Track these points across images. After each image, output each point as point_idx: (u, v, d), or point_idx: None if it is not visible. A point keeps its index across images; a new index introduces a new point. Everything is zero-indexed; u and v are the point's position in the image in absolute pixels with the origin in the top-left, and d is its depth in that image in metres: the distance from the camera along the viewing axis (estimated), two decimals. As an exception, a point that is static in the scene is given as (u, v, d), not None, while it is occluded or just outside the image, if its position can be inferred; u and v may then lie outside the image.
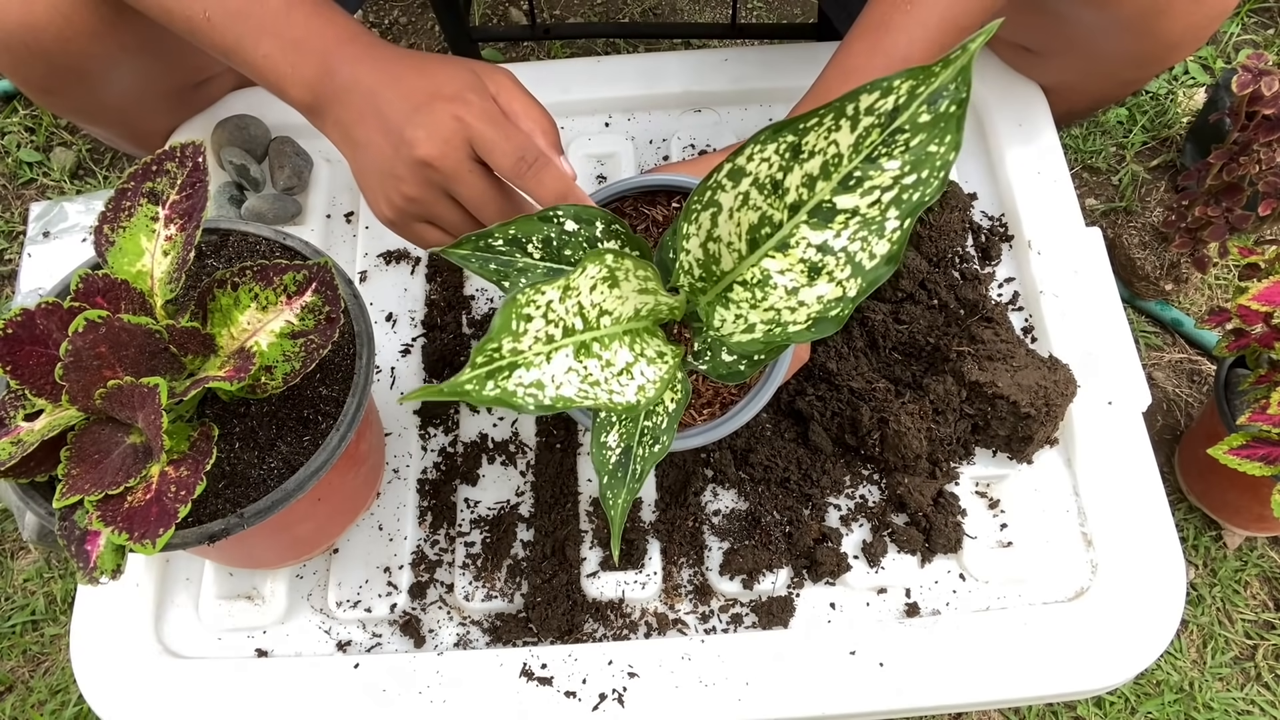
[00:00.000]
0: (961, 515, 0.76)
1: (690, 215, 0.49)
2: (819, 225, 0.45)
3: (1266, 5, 1.34)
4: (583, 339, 0.46)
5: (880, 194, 0.43)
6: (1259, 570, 1.02)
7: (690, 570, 0.75)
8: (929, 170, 0.42)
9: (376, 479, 0.77)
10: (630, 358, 0.49)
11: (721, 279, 0.50)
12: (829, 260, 0.46)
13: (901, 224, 0.43)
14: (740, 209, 0.47)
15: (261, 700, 0.70)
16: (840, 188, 0.44)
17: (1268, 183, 0.91)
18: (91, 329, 0.52)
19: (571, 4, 1.42)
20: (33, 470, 0.55)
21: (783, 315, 0.48)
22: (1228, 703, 0.96)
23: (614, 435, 0.54)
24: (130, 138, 0.95)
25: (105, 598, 0.74)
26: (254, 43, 0.64)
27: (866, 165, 0.43)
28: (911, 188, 0.42)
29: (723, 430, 0.63)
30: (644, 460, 0.54)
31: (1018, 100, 0.92)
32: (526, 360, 0.43)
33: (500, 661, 0.71)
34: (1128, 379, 0.79)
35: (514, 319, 0.42)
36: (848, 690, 0.69)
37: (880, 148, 0.42)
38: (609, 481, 0.54)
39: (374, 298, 0.87)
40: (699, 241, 0.49)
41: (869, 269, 0.45)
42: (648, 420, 0.55)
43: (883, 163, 0.42)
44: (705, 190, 0.48)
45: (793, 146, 0.44)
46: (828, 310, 0.47)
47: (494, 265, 0.56)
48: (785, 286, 0.48)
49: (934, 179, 0.42)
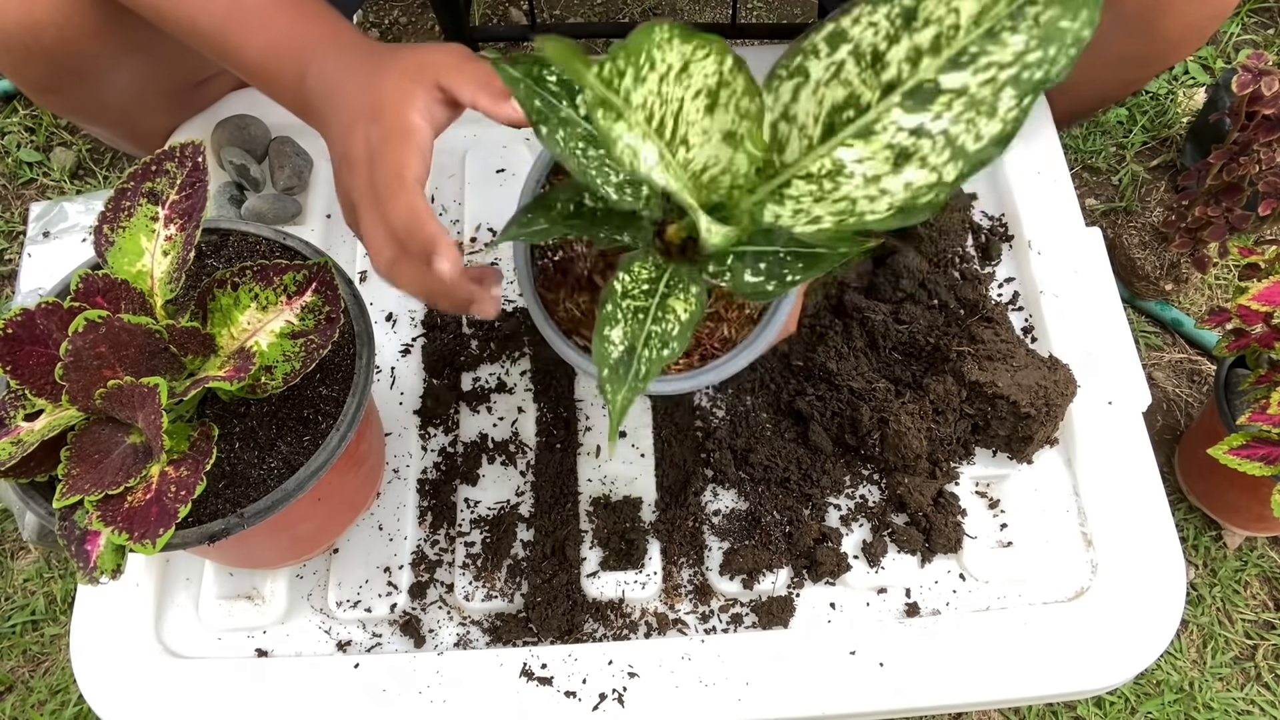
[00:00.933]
0: (961, 515, 0.76)
1: (772, 84, 0.44)
2: (914, 108, 0.41)
3: (1266, 5, 1.34)
4: (664, 153, 0.42)
5: (997, 71, 0.39)
6: (1259, 570, 1.02)
7: (690, 570, 0.75)
8: (1058, 47, 0.38)
9: (376, 479, 0.77)
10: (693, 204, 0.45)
11: (779, 173, 0.46)
12: (923, 144, 0.42)
13: (1020, 103, 0.40)
14: (829, 82, 0.43)
15: (261, 700, 0.70)
16: (949, 64, 0.40)
17: (1268, 183, 0.91)
18: (91, 329, 0.52)
19: (571, 4, 1.42)
20: (33, 470, 0.55)
21: (859, 205, 0.44)
22: (1228, 703, 0.96)
23: (618, 332, 0.51)
24: (130, 138, 0.95)
25: (105, 598, 0.74)
26: (240, 47, 0.65)
27: (985, 40, 0.39)
28: (1035, 65, 0.39)
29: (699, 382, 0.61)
30: (650, 362, 0.51)
31: (1018, 100, 0.92)
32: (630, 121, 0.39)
33: (500, 661, 0.71)
34: (1128, 379, 0.79)
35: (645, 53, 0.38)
36: (848, 690, 0.69)
37: (1005, 20, 0.38)
38: (608, 375, 0.51)
39: (374, 298, 0.87)
40: (770, 119, 0.45)
41: (973, 151, 0.41)
42: (656, 325, 0.52)
43: (1005, 37, 0.39)
44: (796, 54, 0.43)
45: (907, 11, 0.40)
46: (918, 196, 0.43)
47: (538, 102, 0.52)
48: (864, 174, 0.43)
49: (1063, 56, 0.38)
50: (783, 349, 0.81)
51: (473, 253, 0.89)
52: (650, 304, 0.52)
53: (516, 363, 0.84)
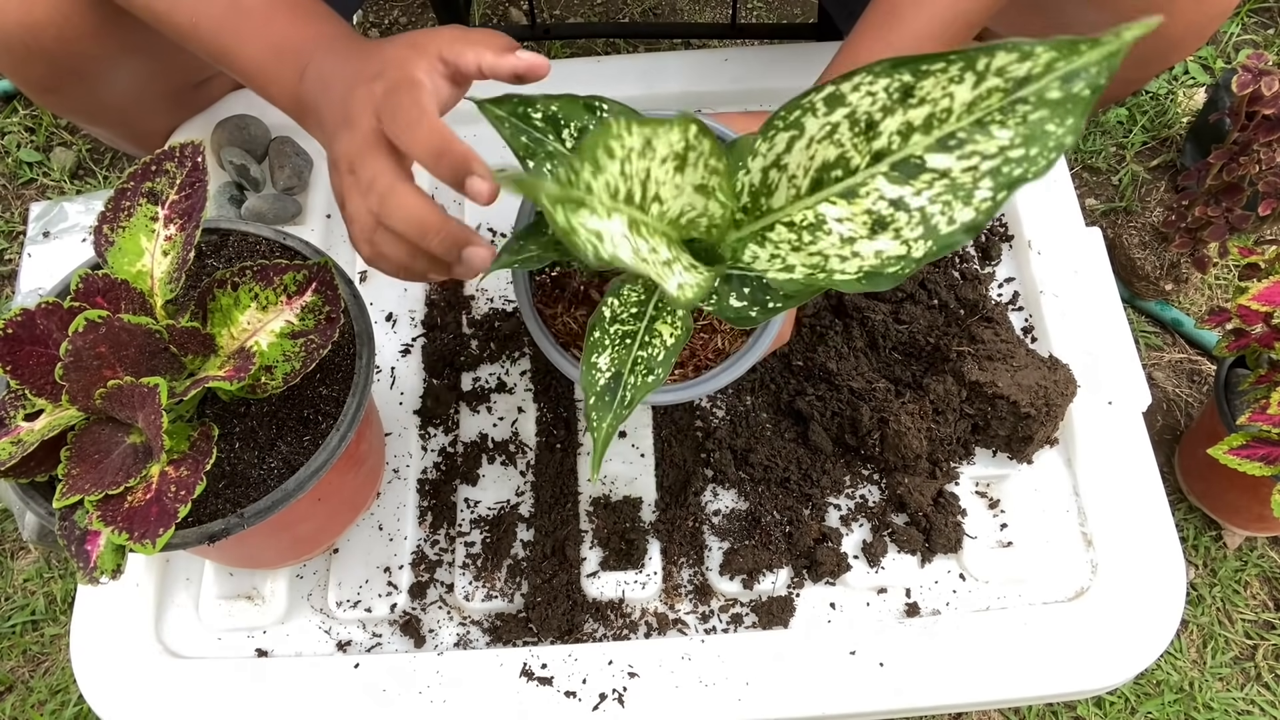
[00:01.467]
0: (961, 515, 0.76)
1: (768, 131, 0.46)
2: (899, 180, 0.43)
3: (1266, 5, 1.34)
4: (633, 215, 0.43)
5: (980, 160, 0.41)
6: (1259, 570, 1.02)
7: (690, 570, 0.75)
8: (1039, 149, 0.39)
9: (376, 479, 0.77)
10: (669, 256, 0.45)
11: (764, 215, 0.47)
12: (900, 216, 0.43)
13: (994, 196, 0.41)
14: (822, 140, 0.44)
15: (261, 700, 0.70)
16: (937, 145, 0.41)
17: (1268, 183, 0.91)
18: (91, 329, 0.52)
19: (571, 4, 1.42)
20: (33, 470, 0.55)
21: (830, 262, 0.45)
22: (1228, 703, 0.96)
23: (605, 358, 0.52)
24: (130, 138, 0.95)
25: (105, 598, 0.74)
26: (238, 49, 0.64)
27: (974, 129, 0.40)
28: (1016, 163, 0.40)
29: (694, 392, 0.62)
30: (635, 389, 0.52)
31: (1018, 100, 0.92)
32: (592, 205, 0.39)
33: (500, 661, 0.71)
34: (1128, 379, 0.79)
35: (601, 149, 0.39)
36: (848, 690, 0.69)
37: (996, 114, 0.40)
38: (595, 403, 0.52)
39: (374, 298, 0.87)
40: (763, 164, 0.46)
41: (944, 233, 0.42)
42: (642, 350, 0.53)
43: (993, 130, 0.40)
44: (795, 109, 0.44)
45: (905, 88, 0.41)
46: (885, 266, 0.44)
47: (525, 139, 0.53)
48: (841, 235, 0.45)
49: (1043, 159, 0.39)
50: (783, 349, 0.81)
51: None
52: (638, 327, 0.53)
53: (516, 363, 0.84)
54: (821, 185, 0.45)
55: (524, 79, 0.59)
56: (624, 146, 0.40)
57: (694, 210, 0.47)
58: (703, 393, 0.62)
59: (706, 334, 0.64)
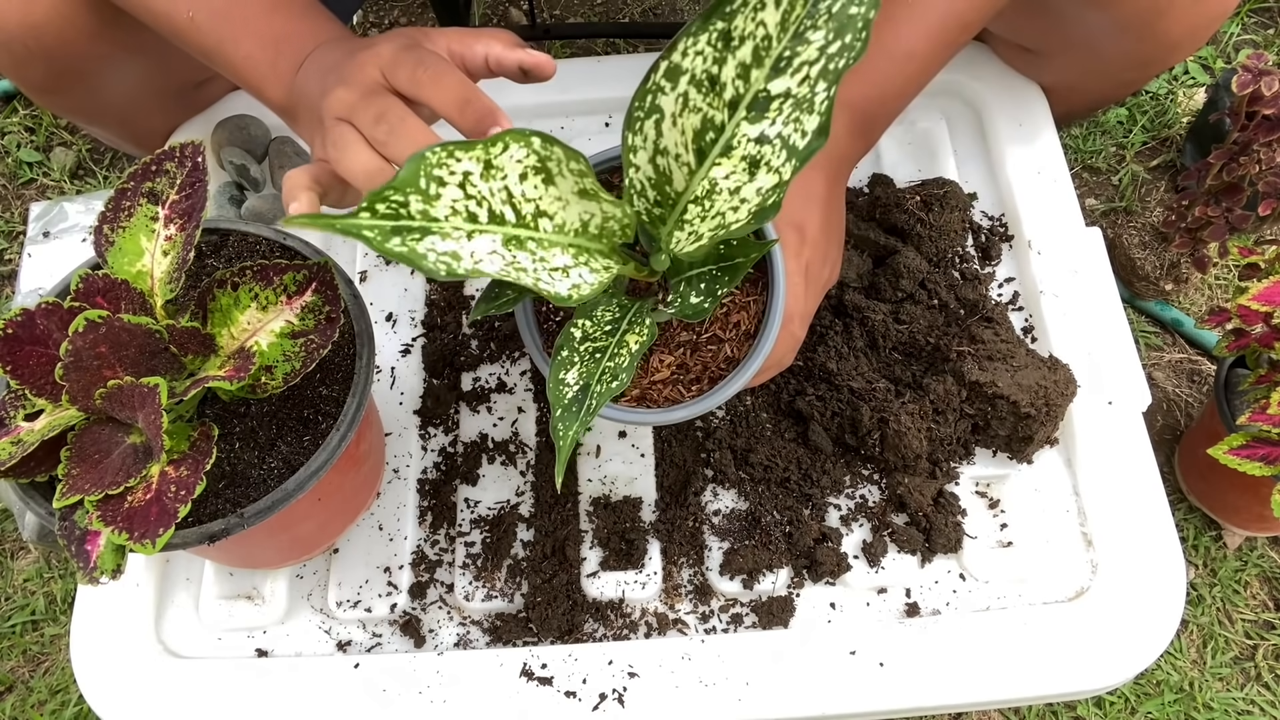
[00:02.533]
0: (961, 515, 0.76)
1: (633, 124, 0.47)
2: (756, 118, 0.44)
3: (1266, 5, 1.34)
4: (515, 234, 0.44)
5: (808, 69, 0.42)
6: (1259, 570, 1.02)
7: (690, 570, 0.75)
8: (851, 34, 0.41)
9: (376, 479, 0.77)
10: (570, 261, 0.47)
11: (677, 201, 0.48)
12: (765, 150, 0.45)
13: (829, 92, 0.43)
14: (682, 113, 0.45)
15: (261, 700, 0.70)
16: (773, 73, 0.43)
17: (1268, 183, 0.91)
18: (91, 329, 0.52)
19: (571, 4, 1.42)
20: (33, 470, 0.55)
21: (726, 218, 0.47)
22: (1228, 703, 0.96)
23: (573, 373, 0.53)
24: (130, 138, 0.95)
25: (105, 598, 0.74)
26: (235, 44, 0.64)
27: (795, 42, 0.42)
28: (836, 55, 0.42)
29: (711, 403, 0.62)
30: (599, 396, 0.53)
31: (1018, 100, 0.92)
32: (443, 231, 0.41)
33: (500, 661, 0.71)
34: (1128, 379, 0.79)
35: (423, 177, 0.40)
36: (848, 690, 0.69)
37: (805, 20, 0.42)
38: (561, 415, 0.53)
39: (374, 298, 0.87)
40: (647, 156, 0.47)
41: (802, 147, 0.44)
42: (610, 360, 0.54)
43: (809, 35, 0.42)
44: (645, 94, 0.46)
45: (723, 34, 0.43)
46: (766, 199, 0.46)
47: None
48: (728, 189, 0.47)
49: (857, 42, 0.41)
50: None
51: (473, 253, 0.89)
52: (610, 343, 0.54)
53: (516, 363, 0.84)
54: (704, 153, 0.46)
55: (530, 76, 0.59)
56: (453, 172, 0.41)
57: (594, 217, 0.48)
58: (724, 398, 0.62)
59: (715, 346, 0.64)
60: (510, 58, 0.57)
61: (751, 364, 0.62)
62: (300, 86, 0.62)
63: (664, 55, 0.44)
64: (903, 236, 0.85)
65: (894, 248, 0.84)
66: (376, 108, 0.54)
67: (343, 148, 0.55)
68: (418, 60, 0.55)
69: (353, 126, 0.55)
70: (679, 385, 0.64)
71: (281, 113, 0.65)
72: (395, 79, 0.56)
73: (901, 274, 0.82)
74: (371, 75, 0.56)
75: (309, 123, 0.61)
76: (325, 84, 0.58)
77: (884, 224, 0.86)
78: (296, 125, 0.65)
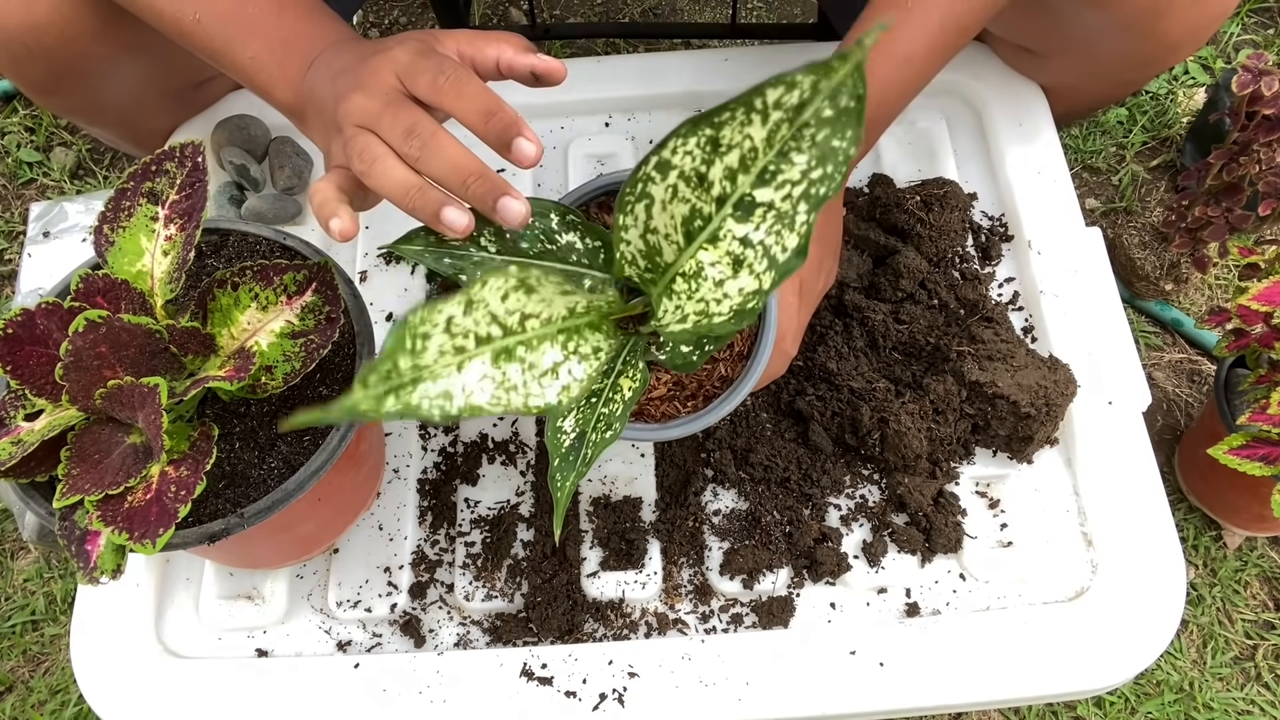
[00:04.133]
0: (961, 515, 0.76)
1: (625, 207, 0.49)
2: (742, 219, 0.46)
3: (1266, 5, 1.34)
4: (504, 344, 0.45)
5: (791, 188, 0.44)
6: (1259, 570, 1.02)
7: (690, 570, 0.75)
8: (833, 165, 0.42)
9: (376, 479, 0.77)
10: (560, 357, 0.48)
11: (666, 270, 0.50)
12: (749, 253, 0.46)
13: (808, 217, 0.44)
14: (671, 201, 0.47)
15: (261, 700, 0.70)
16: (758, 181, 0.44)
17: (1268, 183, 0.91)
18: (91, 329, 0.52)
19: (571, 4, 1.42)
20: (33, 470, 0.55)
21: (710, 306, 0.49)
22: (1228, 703, 0.96)
23: (570, 421, 0.55)
24: (130, 138, 0.95)
25: (105, 598, 0.74)
26: (242, 44, 0.64)
27: (779, 159, 0.43)
28: (818, 182, 0.43)
29: (707, 420, 0.63)
30: (595, 445, 0.54)
31: (1018, 100, 0.92)
32: (433, 373, 0.42)
33: (500, 661, 0.71)
34: (1128, 379, 0.79)
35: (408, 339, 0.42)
36: (848, 690, 0.69)
37: (790, 142, 0.43)
38: (559, 464, 0.54)
39: (374, 298, 0.87)
40: (638, 233, 0.49)
41: (781, 261, 0.46)
42: (605, 407, 0.55)
43: (793, 157, 0.43)
44: (636, 183, 0.48)
45: (711, 140, 0.44)
46: (746, 302, 0.47)
47: (448, 260, 0.55)
48: (714, 278, 0.48)
49: (837, 174, 0.43)
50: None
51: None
52: (605, 385, 0.55)
53: (516, 363, 0.84)
54: (693, 236, 0.48)
55: (541, 80, 0.58)
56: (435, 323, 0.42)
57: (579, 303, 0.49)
58: (720, 416, 0.63)
59: (710, 365, 0.65)
60: (522, 62, 0.57)
61: (745, 384, 0.63)
62: (309, 88, 0.62)
63: (654, 151, 0.46)
64: (903, 236, 0.85)
65: (894, 248, 0.84)
66: (404, 121, 0.54)
67: (371, 161, 0.54)
68: (438, 68, 0.54)
69: (378, 138, 0.55)
70: (675, 401, 0.65)
71: (289, 114, 0.65)
72: (414, 86, 0.55)
73: (901, 274, 0.82)
74: (389, 81, 0.55)
75: (320, 126, 0.61)
76: (338, 88, 0.58)
77: (884, 224, 0.86)
78: (305, 126, 0.64)
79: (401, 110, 0.54)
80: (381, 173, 0.54)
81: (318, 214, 0.56)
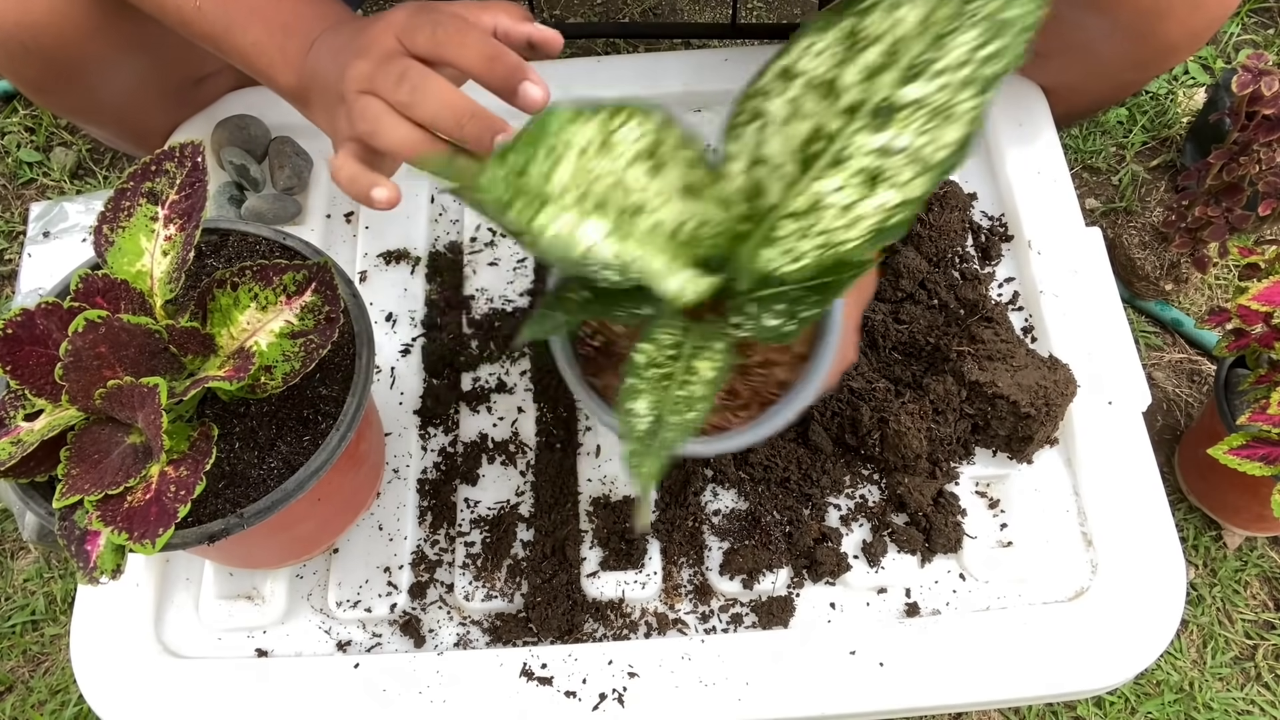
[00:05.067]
0: (961, 515, 0.76)
1: (734, 132, 0.43)
2: (879, 127, 0.40)
3: (1266, 5, 1.34)
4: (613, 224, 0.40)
5: (950, 75, 0.38)
6: (1259, 570, 1.02)
7: (690, 570, 0.75)
8: (1009, 36, 0.37)
9: (376, 479, 0.77)
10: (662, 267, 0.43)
11: (766, 217, 0.44)
12: (890, 163, 0.40)
13: (979, 100, 0.39)
14: (791, 120, 0.41)
15: (261, 700, 0.70)
16: (904, 78, 0.39)
17: (1268, 183, 0.91)
18: (91, 329, 0.52)
19: (571, 4, 1.42)
20: (33, 470, 0.55)
21: (835, 235, 0.43)
22: (1228, 703, 0.96)
23: (642, 403, 0.49)
24: (129, 137, 0.95)
25: (105, 598, 0.74)
26: (243, 30, 0.64)
27: (934, 47, 0.38)
28: (990, 59, 0.38)
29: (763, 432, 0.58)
30: (675, 428, 0.49)
31: (1018, 100, 0.92)
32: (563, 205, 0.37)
33: (500, 661, 0.71)
34: (1128, 379, 0.79)
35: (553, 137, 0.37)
36: (848, 690, 0.69)
37: (952, 22, 0.37)
38: (636, 448, 0.49)
39: (374, 298, 0.87)
40: (742, 165, 0.43)
41: (938, 161, 0.40)
42: (681, 390, 0.50)
43: (955, 38, 0.38)
44: (750, 99, 0.42)
45: (849, 33, 0.39)
46: (890, 217, 0.41)
47: None
48: (839, 204, 0.42)
49: (1018, 43, 0.37)
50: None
51: (473, 253, 0.89)
52: (675, 368, 0.50)
53: (516, 363, 0.84)
54: (809, 164, 0.42)
55: (538, 50, 0.58)
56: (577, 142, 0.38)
57: (691, 220, 0.44)
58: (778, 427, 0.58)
59: (765, 370, 0.61)
60: (519, 30, 0.57)
61: (807, 389, 0.58)
62: (311, 69, 0.62)
63: (775, 57, 0.41)
64: (903, 237, 0.85)
65: (894, 248, 0.84)
66: (395, 70, 0.53)
67: (372, 120, 0.54)
68: (435, 21, 0.54)
69: (376, 97, 0.54)
70: (727, 412, 0.61)
71: (293, 98, 0.65)
72: (414, 44, 0.54)
73: (901, 274, 0.82)
74: (388, 44, 0.55)
75: (326, 104, 0.61)
76: (340, 61, 0.57)
77: (884, 224, 0.86)
78: (309, 110, 0.64)
79: (394, 62, 0.54)
80: (384, 130, 0.53)
81: (351, 189, 0.55)
